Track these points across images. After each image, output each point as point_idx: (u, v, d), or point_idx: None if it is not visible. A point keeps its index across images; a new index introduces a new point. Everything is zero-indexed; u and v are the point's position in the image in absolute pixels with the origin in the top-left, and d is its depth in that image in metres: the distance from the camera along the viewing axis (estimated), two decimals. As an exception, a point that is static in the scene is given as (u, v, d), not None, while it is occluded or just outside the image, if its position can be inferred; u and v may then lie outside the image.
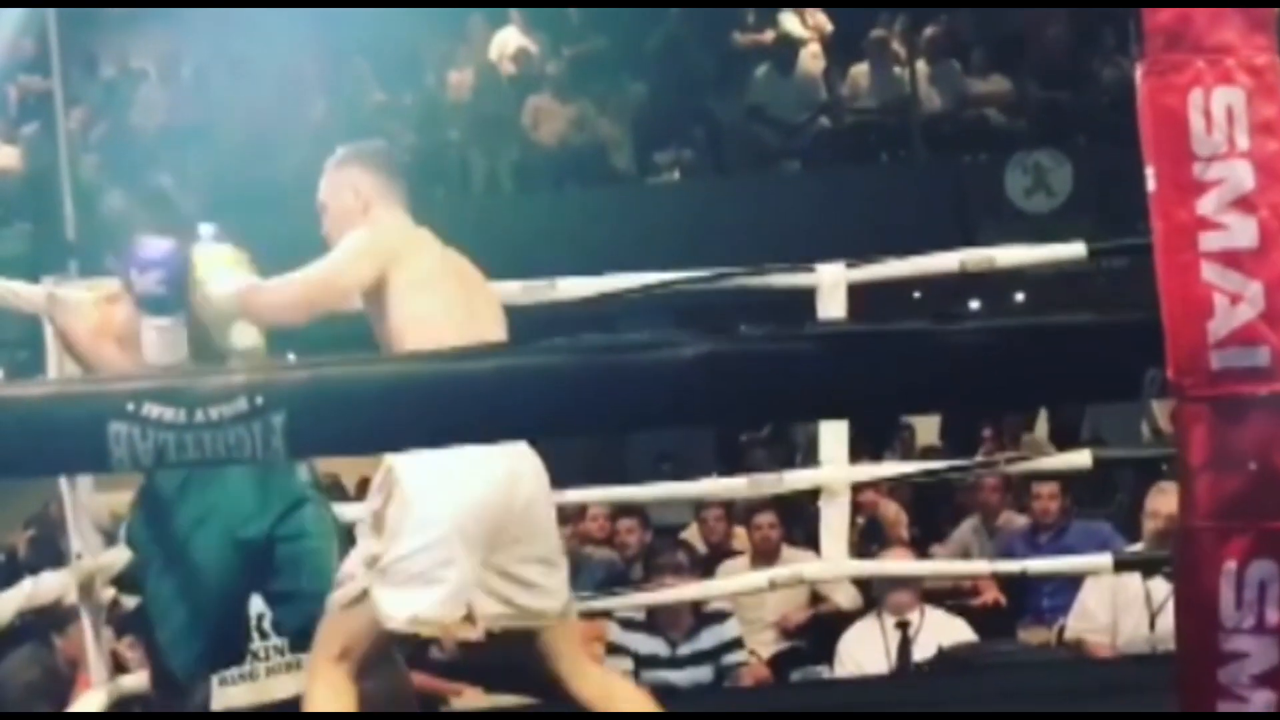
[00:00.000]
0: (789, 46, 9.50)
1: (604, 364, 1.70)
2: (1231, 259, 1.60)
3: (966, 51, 9.54)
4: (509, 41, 9.75)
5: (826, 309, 3.93)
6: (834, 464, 4.09)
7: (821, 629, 5.20)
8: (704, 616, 4.85)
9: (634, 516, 5.86)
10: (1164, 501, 4.40)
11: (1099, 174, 8.16)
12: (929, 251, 4.09)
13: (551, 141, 9.24)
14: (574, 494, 4.47)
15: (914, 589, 4.86)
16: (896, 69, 9.47)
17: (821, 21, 9.78)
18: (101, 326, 3.20)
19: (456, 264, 3.04)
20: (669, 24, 9.56)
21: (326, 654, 2.81)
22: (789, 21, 9.73)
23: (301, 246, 3.03)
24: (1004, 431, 8.24)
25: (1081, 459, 4.30)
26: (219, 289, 2.99)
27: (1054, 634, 4.95)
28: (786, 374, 1.66)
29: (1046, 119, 9.06)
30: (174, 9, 9.17)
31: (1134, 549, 4.72)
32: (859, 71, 9.55)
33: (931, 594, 4.98)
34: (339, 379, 1.73)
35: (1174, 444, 1.66)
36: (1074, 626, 4.76)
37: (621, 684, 3.06)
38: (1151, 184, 1.64)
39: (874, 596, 4.99)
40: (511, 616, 2.88)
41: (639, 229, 8.35)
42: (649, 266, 4.07)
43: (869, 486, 5.58)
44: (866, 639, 4.84)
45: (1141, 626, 4.54)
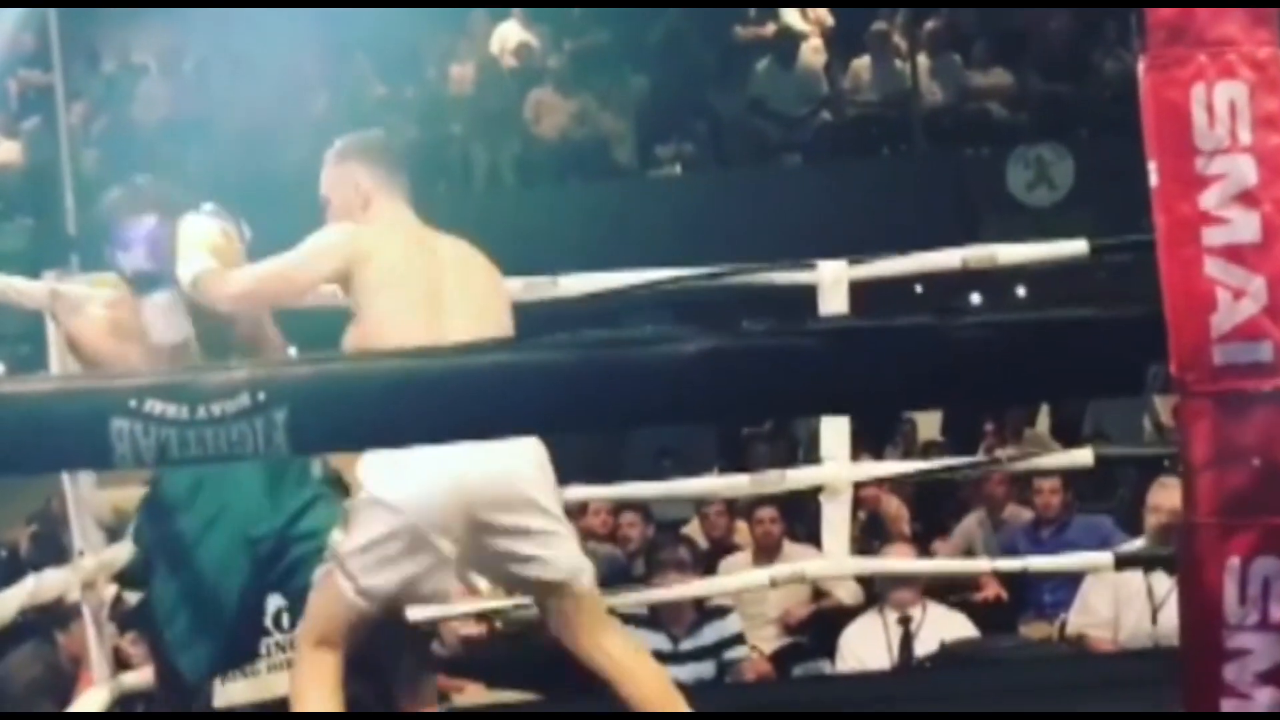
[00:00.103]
0: (790, 40, 9.50)
1: (606, 359, 1.69)
2: (1234, 254, 1.59)
3: (968, 45, 9.54)
4: (510, 35, 9.74)
5: (828, 305, 3.93)
6: (836, 461, 4.09)
7: (823, 624, 5.20)
8: (706, 612, 4.85)
9: (636, 512, 5.86)
10: (1166, 496, 4.39)
11: (1101, 167, 8.14)
12: (930, 245, 4.08)
13: (553, 135, 9.23)
14: (576, 491, 4.48)
15: (916, 584, 4.85)
16: (898, 62, 9.46)
17: (822, 15, 9.77)
18: (109, 327, 3.17)
19: (443, 259, 2.97)
20: (670, 18, 9.55)
21: (306, 638, 2.87)
22: (790, 15, 9.73)
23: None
24: (1006, 426, 8.22)
25: (1083, 456, 4.29)
26: (181, 269, 2.96)
27: (1056, 629, 4.94)
28: (788, 369, 1.66)
29: (1048, 112, 9.05)
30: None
31: (1135, 544, 4.72)
32: (860, 65, 9.54)
33: (934, 585, 4.98)
34: (341, 374, 1.72)
35: (1176, 439, 1.65)
36: (1076, 621, 4.76)
37: (641, 660, 2.98)
38: (1154, 179, 1.63)
39: (876, 592, 4.99)
40: (516, 588, 2.88)
41: (640, 222, 8.36)
42: (650, 260, 4.06)
43: (871, 482, 5.58)
44: (868, 634, 4.84)
45: (1143, 621, 4.54)
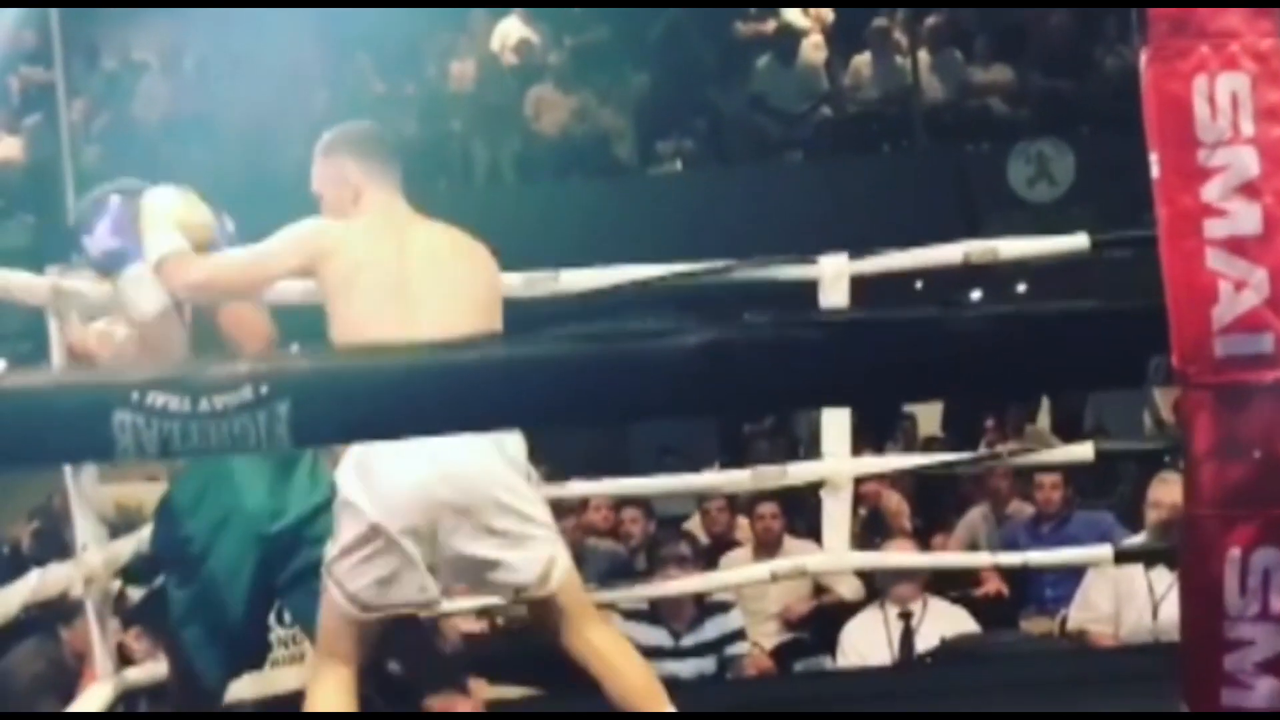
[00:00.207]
0: (791, 36, 9.50)
1: (607, 353, 1.69)
2: (1236, 245, 1.60)
3: (969, 41, 9.53)
4: (511, 32, 9.74)
5: (829, 300, 3.93)
6: (837, 456, 4.09)
7: (824, 620, 5.20)
8: (707, 607, 4.84)
9: (638, 507, 5.86)
10: (1166, 492, 4.39)
11: (1102, 163, 8.13)
12: (931, 241, 4.08)
13: (553, 132, 9.23)
14: (577, 486, 4.48)
15: (916, 580, 4.85)
16: (898, 58, 9.46)
17: (823, 11, 9.77)
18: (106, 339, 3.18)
19: (418, 251, 2.92)
20: (670, 14, 9.54)
21: (320, 652, 2.90)
22: (791, 11, 9.72)
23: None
24: (1007, 422, 8.23)
25: (1084, 451, 4.29)
26: (149, 244, 2.93)
27: (1056, 624, 4.95)
28: (790, 362, 1.66)
29: (1049, 108, 9.05)
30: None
31: (1136, 539, 4.72)
32: (861, 61, 9.54)
33: (936, 577, 4.98)
34: (344, 368, 1.73)
35: (1176, 434, 1.66)
36: (1076, 617, 4.76)
37: (626, 655, 2.98)
38: (1155, 170, 1.63)
39: (876, 587, 4.99)
40: (488, 593, 2.90)
41: (641, 219, 8.35)
42: (651, 257, 4.05)
43: (872, 477, 5.59)
44: (869, 630, 4.84)
45: (1144, 617, 4.54)
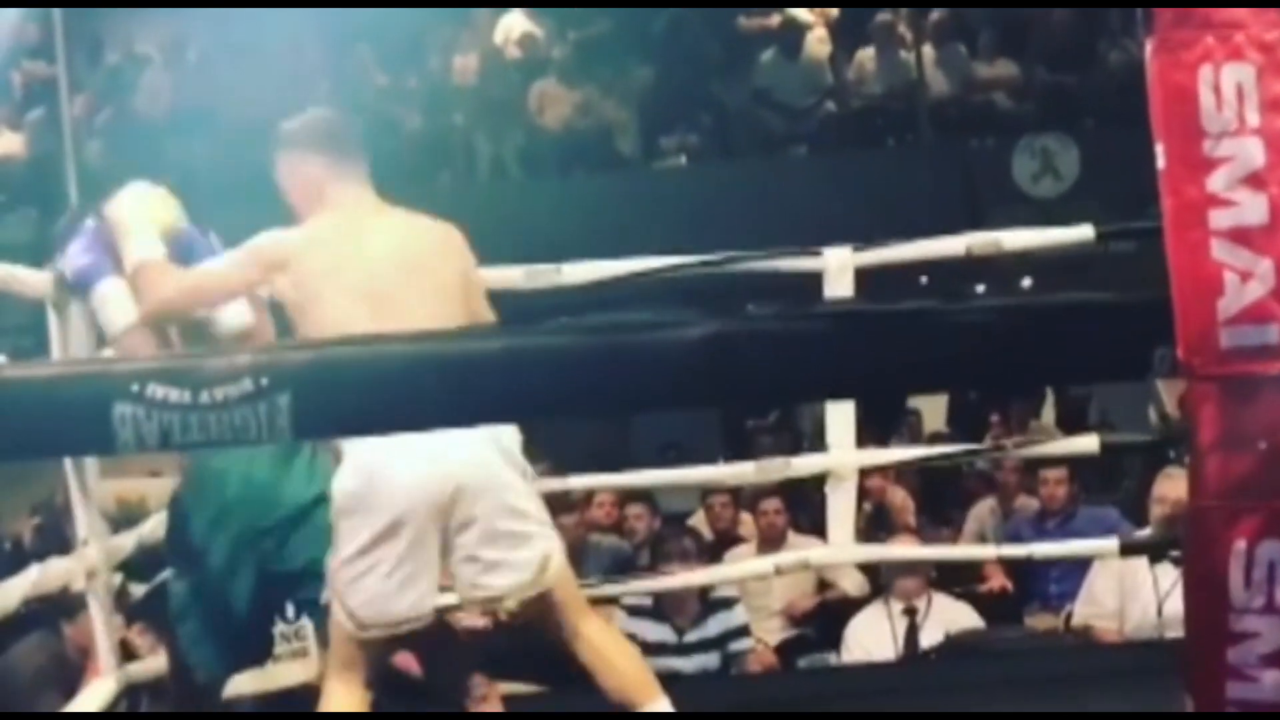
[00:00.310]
0: (795, 31, 9.48)
1: (610, 344, 1.69)
2: (1242, 236, 1.59)
3: (973, 35, 9.52)
4: (514, 26, 9.73)
5: (833, 293, 3.92)
6: (841, 447, 4.08)
7: (828, 616, 5.20)
8: (711, 603, 4.84)
9: (642, 503, 5.85)
10: (1171, 487, 4.38)
11: (1107, 158, 8.13)
12: (936, 236, 4.08)
13: (557, 126, 9.22)
14: (581, 480, 4.47)
15: (921, 575, 4.85)
16: (903, 53, 9.45)
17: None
18: None
19: (383, 248, 2.86)
20: (674, 8, 9.54)
21: (332, 667, 2.88)
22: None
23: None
24: (1011, 417, 8.22)
25: (1089, 443, 4.29)
26: (132, 247, 2.90)
27: (1061, 620, 4.94)
28: (794, 354, 1.65)
29: (1053, 103, 9.04)
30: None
31: (1141, 535, 4.71)
32: (865, 56, 9.53)
33: (941, 573, 4.98)
34: (344, 359, 1.72)
35: (1181, 429, 1.65)
36: (1081, 612, 4.75)
37: (620, 649, 2.98)
38: (1161, 161, 1.63)
39: (881, 583, 4.99)
40: (486, 599, 2.88)
41: (645, 214, 8.34)
42: (655, 251, 4.05)
43: (876, 472, 5.58)
44: (873, 626, 4.84)
45: (1149, 612, 4.53)
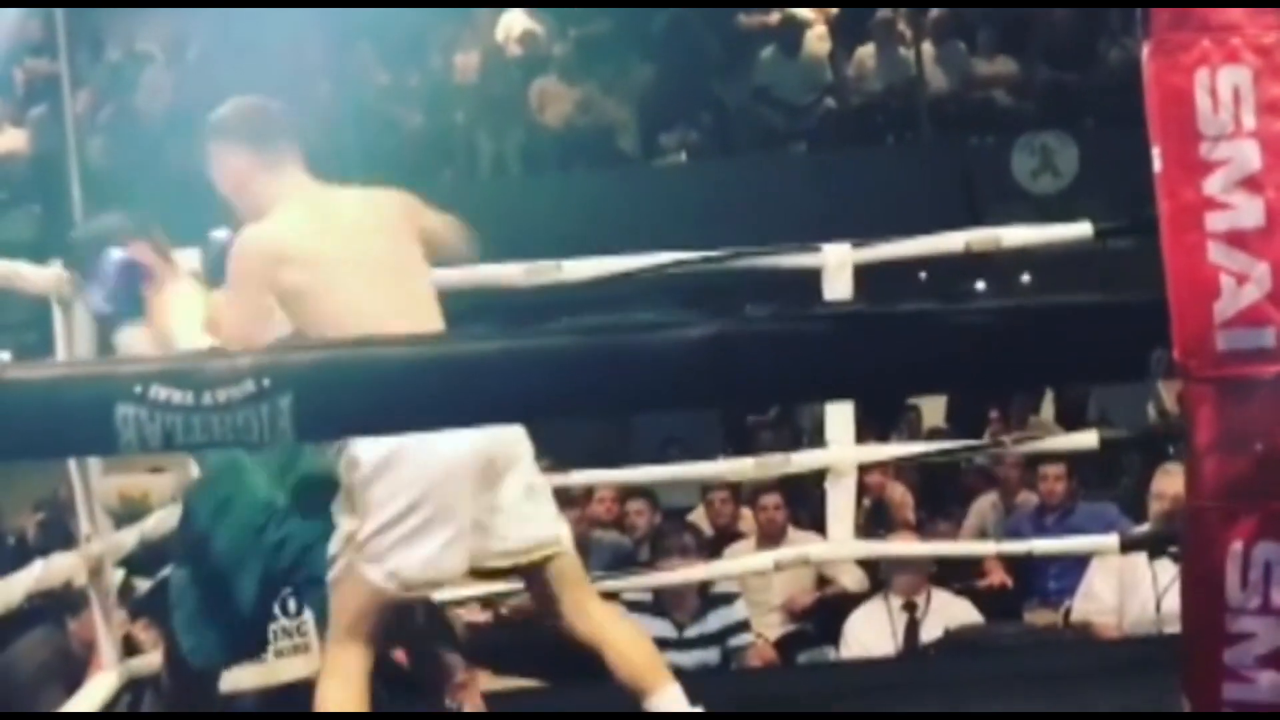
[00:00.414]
0: (794, 28, 9.48)
1: (610, 345, 1.70)
2: (1238, 239, 1.59)
3: (973, 33, 9.52)
4: (515, 23, 9.74)
5: (832, 290, 3.92)
6: (841, 443, 4.09)
7: (828, 611, 5.20)
8: (711, 599, 4.85)
9: (643, 499, 5.86)
10: (1170, 483, 4.39)
11: (1106, 156, 8.12)
12: (935, 233, 4.08)
13: (558, 124, 9.23)
14: (581, 476, 4.48)
15: (921, 571, 4.86)
16: (902, 50, 9.45)
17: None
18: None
19: (341, 233, 2.84)
20: (674, 6, 9.54)
21: (335, 634, 2.86)
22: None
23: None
24: (1011, 414, 8.22)
25: (1088, 439, 4.30)
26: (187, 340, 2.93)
27: (1060, 616, 4.95)
28: (793, 354, 1.66)
29: (1053, 100, 9.04)
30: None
31: (1140, 531, 4.72)
32: (865, 53, 9.53)
33: (940, 569, 4.98)
34: (346, 361, 1.73)
35: (1180, 425, 1.66)
36: (1080, 608, 4.76)
37: (624, 627, 3.03)
38: (1157, 164, 1.63)
39: (881, 579, 4.99)
40: (520, 553, 2.89)
41: (645, 211, 8.34)
42: (656, 248, 4.05)
43: (875, 468, 5.59)
44: (873, 621, 4.84)
45: (1148, 608, 4.53)
